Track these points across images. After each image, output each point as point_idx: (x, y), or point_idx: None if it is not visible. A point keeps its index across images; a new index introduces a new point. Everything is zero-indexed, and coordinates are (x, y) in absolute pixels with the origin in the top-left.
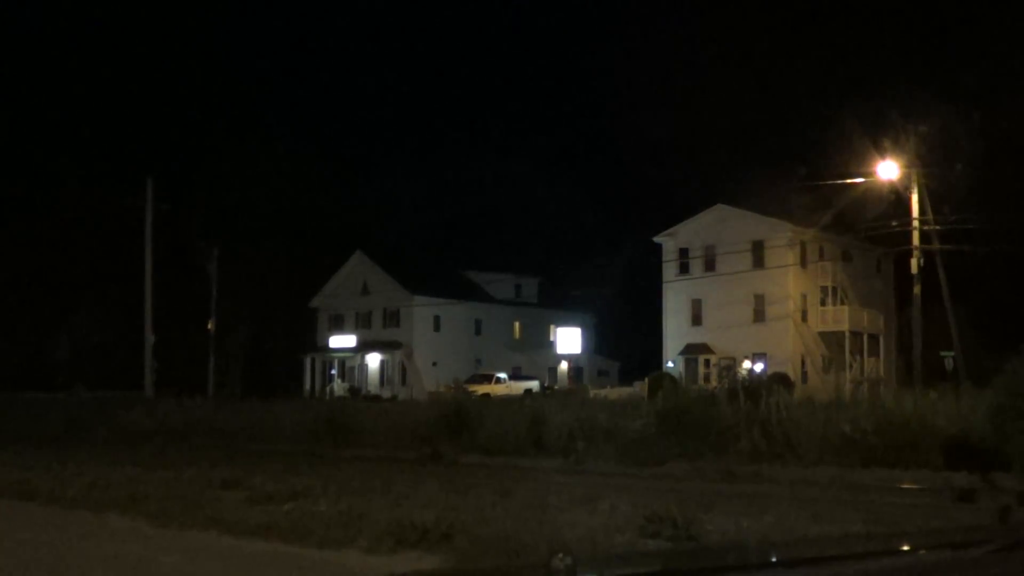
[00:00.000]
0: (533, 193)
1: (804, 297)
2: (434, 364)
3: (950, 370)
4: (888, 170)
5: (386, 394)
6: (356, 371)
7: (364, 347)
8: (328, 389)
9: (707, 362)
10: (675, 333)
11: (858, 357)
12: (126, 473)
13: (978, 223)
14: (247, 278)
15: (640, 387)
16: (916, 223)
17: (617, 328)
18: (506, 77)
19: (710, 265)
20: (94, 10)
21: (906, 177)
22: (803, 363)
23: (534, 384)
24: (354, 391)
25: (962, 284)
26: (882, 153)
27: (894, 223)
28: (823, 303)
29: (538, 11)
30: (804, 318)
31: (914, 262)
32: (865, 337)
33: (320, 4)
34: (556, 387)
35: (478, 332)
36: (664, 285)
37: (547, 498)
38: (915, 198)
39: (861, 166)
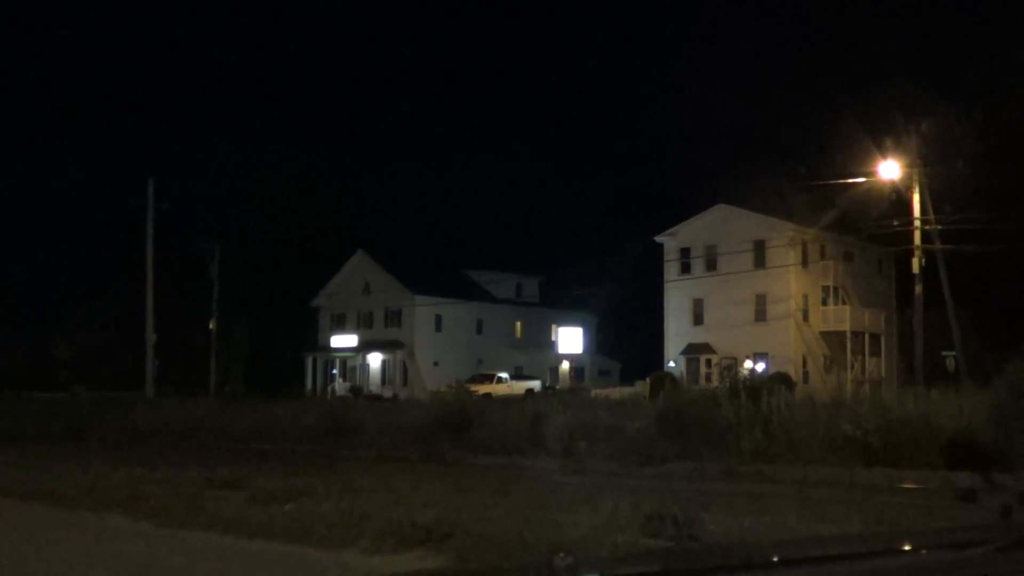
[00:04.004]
0: (534, 193)
1: (805, 297)
2: (435, 364)
3: (951, 370)
4: (889, 170)
5: (387, 394)
6: (357, 371)
7: (365, 347)
8: (329, 389)
9: (708, 362)
10: (676, 333)
11: (859, 357)
12: (127, 473)
13: (980, 223)
14: (248, 278)
15: (641, 387)
16: (917, 223)
17: (618, 328)
18: (507, 77)
19: (711, 265)
20: (94, 10)
21: (907, 176)
22: (804, 363)
23: (535, 384)
24: (355, 391)
25: (964, 284)
26: (883, 152)
27: (895, 223)
28: (824, 303)
29: (538, 11)
30: (805, 318)
31: (915, 262)
32: (866, 337)
33: (321, 4)
34: (557, 387)
35: (479, 332)
36: (665, 285)
37: (548, 498)
38: (916, 198)
39: (862, 166)
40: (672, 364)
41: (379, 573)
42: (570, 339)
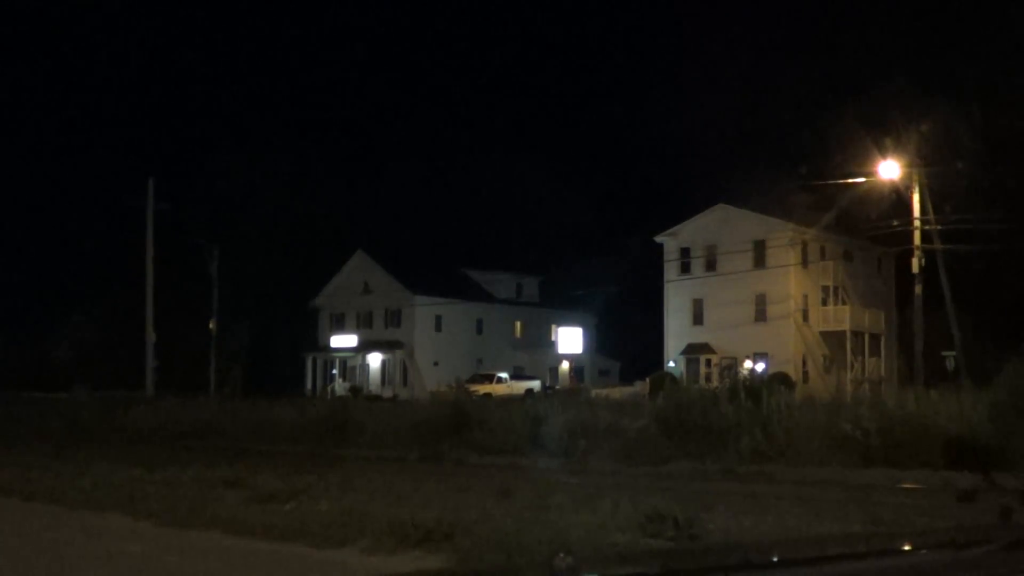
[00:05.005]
0: (534, 193)
1: (805, 297)
2: (435, 364)
3: (951, 370)
4: (889, 170)
5: (387, 394)
6: (357, 371)
7: (365, 347)
8: (329, 389)
9: (708, 362)
10: (676, 333)
11: (859, 357)
12: (127, 473)
13: (979, 222)
14: (248, 278)
15: (641, 387)
16: (917, 223)
17: (618, 328)
18: (506, 77)
19: (711, 265)
20: (94, 10)
21: (907, 176)
22: (804, 363)
23: (535, 384)
24: (355, 391)
25: (963, 284)
26: (883, 152)
27: (895, 223)
28: (824, 303)
29: (538, 11)
30: (805, 318)
31: (915, 262)
32: (866, 337)
33: (320, 4)
34: (557, 387)
35: (479, 332)
36: (665, 285)
37: (548, 497)
38: (916, 197)
39: (862, 166)
40: (672, 364)
41: (379, 573)
42: (570, 339)
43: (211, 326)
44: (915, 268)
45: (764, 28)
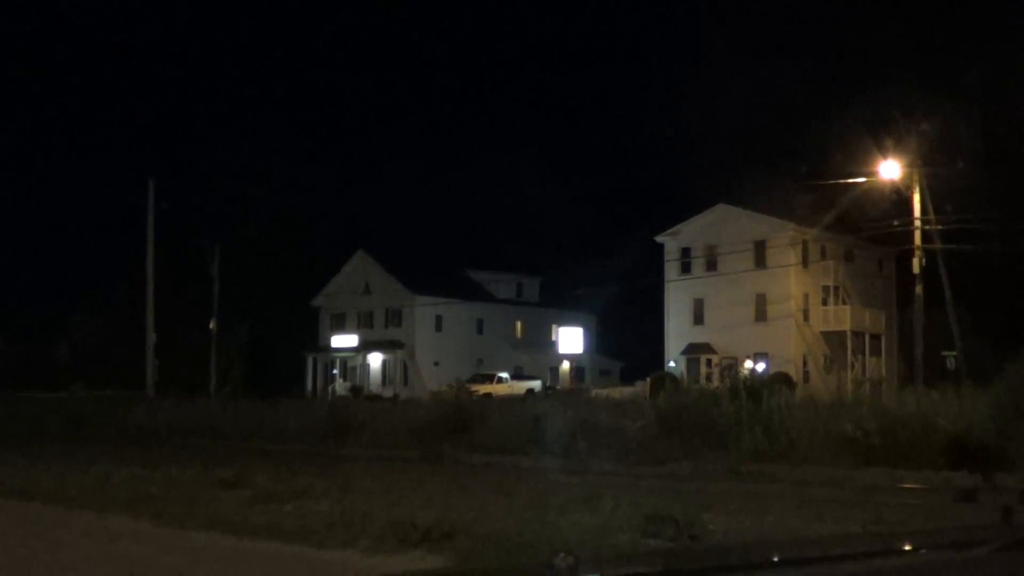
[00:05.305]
0: (534, 193)
1: (806, 297)
2: (436, 364)
3: (952, 370)
4: (890, 170)
5: (388, 394)
6: (358, 371)
7: (366, 347)
8: (330, 389)
9: (709, 362)
10: (677, 333)
11: (860, 357)
12: (128, 473)
13: (980, 223)
14: (248, 278)
15: (642, 387)
16: (918, 223)
17: (619, 328)
18: (508, 77)
19: (712, 265)
20: (94, 10)
21: (908, 176)
22: (805, 363)
23: (536, 384)
24: (356, 391)
25: (964, 284)
26: (884, 152)
27: (896, 223)
28: (825, 303)
29: (538, 11)
30: (806, 318)
31: (916, 262)
32: (867, 337)
33: (320, 4)
34: (558, 387)
35: (480, 332)
36: (666, 285)
37: (549, 498)
38: (917, 197)
39: (863, 166)
40: (672, 364)
41: (379, 573)
42: (570, 339)
43: (211, 326)
44: (915, 268)
45: (764, 28)
